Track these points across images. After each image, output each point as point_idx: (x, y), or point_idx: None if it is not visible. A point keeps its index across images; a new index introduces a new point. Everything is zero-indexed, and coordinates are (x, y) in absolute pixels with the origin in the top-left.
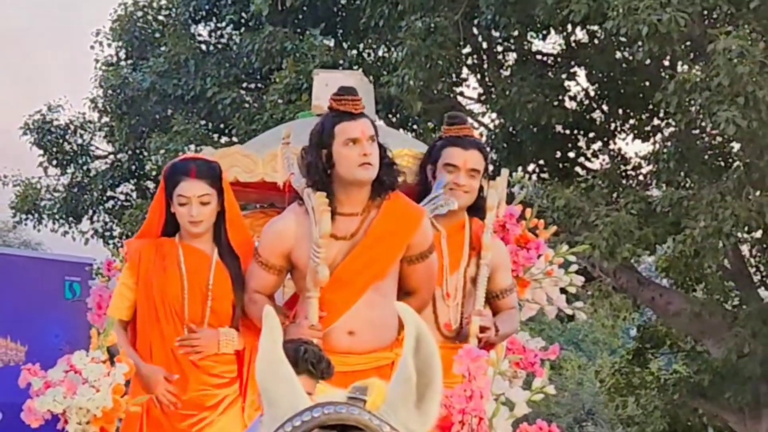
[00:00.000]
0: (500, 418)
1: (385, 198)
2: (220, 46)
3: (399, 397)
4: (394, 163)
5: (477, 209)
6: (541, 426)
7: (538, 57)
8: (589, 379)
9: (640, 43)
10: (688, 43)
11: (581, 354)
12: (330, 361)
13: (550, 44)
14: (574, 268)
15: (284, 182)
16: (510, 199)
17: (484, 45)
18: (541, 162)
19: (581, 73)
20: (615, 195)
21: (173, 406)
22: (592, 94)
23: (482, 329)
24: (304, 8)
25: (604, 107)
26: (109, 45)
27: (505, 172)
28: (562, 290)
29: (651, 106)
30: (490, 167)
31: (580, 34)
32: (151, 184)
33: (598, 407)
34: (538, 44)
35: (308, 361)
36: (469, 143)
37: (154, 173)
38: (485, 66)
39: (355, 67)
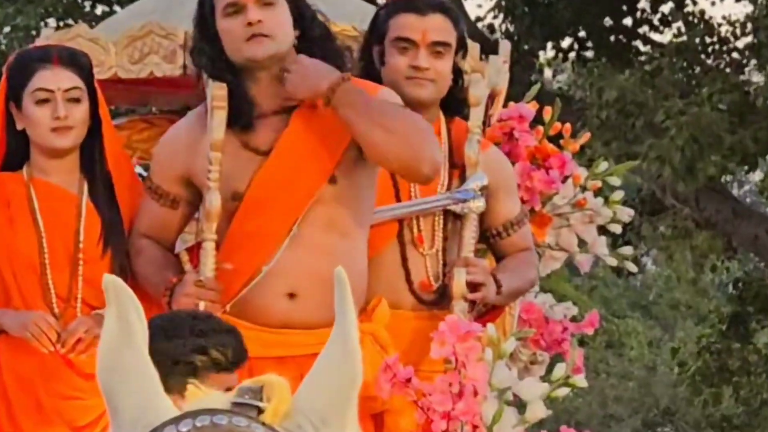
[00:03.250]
0: (505, 425)
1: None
2: None
3: (327, 400)
4: (336, 44)
5: (457, 104)
6: None
7: None
8: (664, 361)
9: None
10: None
11: (653, 324)
12: (242, 339)
13: None
14: (619, 194)
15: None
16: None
17: None
18: (582, 34)
19: None
20: (694, 82)
21: (53, 346)
22: None
23: (473, 287)
24: None
25: None
26: None
27: (505, 45)
28: (603, 229)
29: None
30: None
31: None
32: None
33: (680, 404)
34: None
35: (214, 347)
36: (426, 5)
37: None
38: None
39: None
